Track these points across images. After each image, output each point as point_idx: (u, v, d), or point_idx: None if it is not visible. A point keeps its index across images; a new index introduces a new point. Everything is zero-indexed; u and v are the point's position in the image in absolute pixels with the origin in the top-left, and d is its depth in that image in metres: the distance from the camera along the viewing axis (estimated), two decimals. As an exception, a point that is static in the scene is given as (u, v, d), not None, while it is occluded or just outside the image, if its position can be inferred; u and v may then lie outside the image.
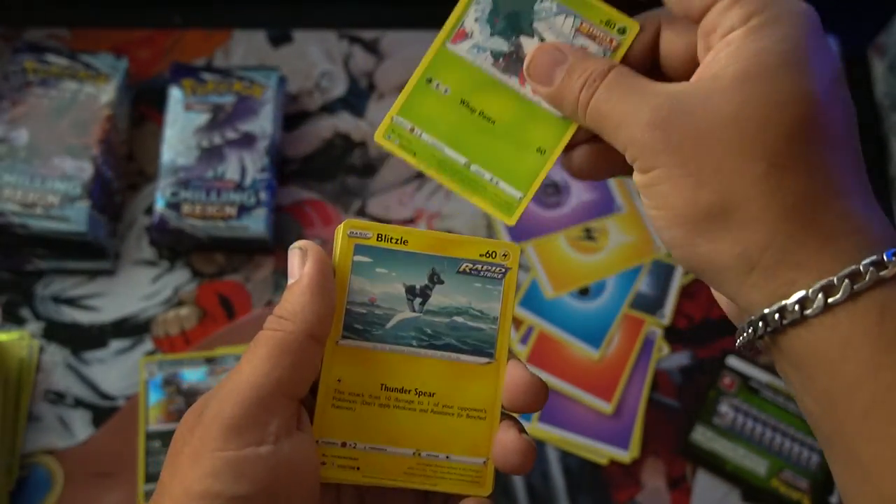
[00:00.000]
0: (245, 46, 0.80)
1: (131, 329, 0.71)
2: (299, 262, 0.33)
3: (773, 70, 0.30)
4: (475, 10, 0.36)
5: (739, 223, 0.30)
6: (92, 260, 0.71)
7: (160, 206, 0.70)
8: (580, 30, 0.36)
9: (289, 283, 0.33)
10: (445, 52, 0.36)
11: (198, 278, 0.73)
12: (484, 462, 0.35)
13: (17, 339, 0.70)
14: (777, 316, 0.30)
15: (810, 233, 0.30)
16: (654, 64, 0.36)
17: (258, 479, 0.30)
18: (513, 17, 0.36)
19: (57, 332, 0.71)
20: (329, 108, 0.79)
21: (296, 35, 0.81)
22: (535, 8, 0.36)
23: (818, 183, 0.30)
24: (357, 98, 0.79)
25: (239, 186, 0.71)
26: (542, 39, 0.36)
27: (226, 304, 0.72)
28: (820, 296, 0.29)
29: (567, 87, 0.35)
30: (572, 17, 0.36)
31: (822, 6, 0.34)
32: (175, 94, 0.73)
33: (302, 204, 0.76)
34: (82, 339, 0.71)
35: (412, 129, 0.36)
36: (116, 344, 0.71)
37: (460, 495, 0.35)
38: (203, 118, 0.72)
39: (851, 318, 0.29)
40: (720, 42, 0.32)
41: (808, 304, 0.29)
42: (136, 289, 0.72)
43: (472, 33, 0.36)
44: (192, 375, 0.68)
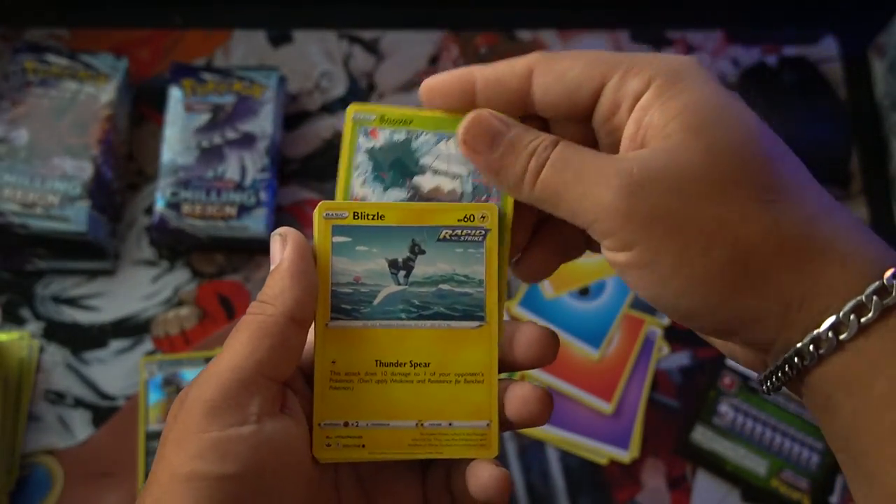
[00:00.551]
0: (245, 46, 0.80)
1: (131, 329, 0.71)
2: (280, 248, 0.34)
3: (713, 114, 0.30)
4: (359, 175, 0.35)
5: (765, 265, 0.29)
6: (92, 260, 0.71)
7: (160, 206, 0.70)
8: None
9: (271, 269, 0.34)
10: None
11: (198, 278, 0.73)
12: (487, 424, 0.35)
13: (17, 339, 0.70)
14: (811, 347, 0.29)
15: (827, 257, 0.29)
16: None
17: (242, 458, 0.30)
18: (398, 164, 0.35)
19: (57, 332, 0.71)
20: (329, 108, 0.79)
21: (296, 35, 0.81)
22: (413, 146, 0.35)
23: (808, 206, 0.30)
24: (357, 98, 0.79)
25: (239, 186, 0.71)
26: (436, 171, 0.35)
27: (226, 304, 0.72)
28: (852, 317, 0.28)
29: (511, 156, 0.32)
30: (452, 139, 0.35)
31: (823, 6, 0.34)
32: (175, 94, 0.73)
33: (302, 204, 0.76)
34: (82, 339, 0.71)
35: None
36: (116, 344, 0.71)
37: (467, 461, 0.34)
38: (203, 118, 0.72)
39: (881, 337, 0.28)
40: (636, 111, 0.31)
41: (843, 329, 0.28)
42: (136, 289, 0.72)
43: (366, 197, 0.35)
44: (193, 375, 0.68)
